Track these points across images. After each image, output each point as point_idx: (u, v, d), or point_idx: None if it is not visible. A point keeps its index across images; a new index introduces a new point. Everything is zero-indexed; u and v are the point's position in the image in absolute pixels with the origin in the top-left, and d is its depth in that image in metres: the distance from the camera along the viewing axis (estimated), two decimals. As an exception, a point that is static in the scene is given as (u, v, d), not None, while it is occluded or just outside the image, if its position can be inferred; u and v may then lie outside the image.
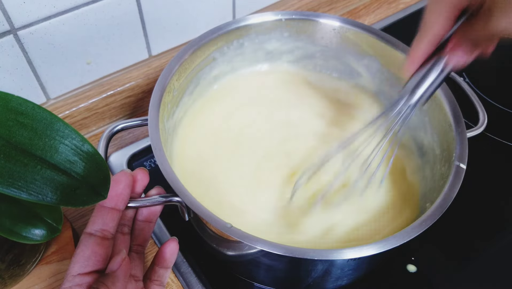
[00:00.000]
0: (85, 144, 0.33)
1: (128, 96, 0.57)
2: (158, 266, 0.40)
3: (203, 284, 0.45)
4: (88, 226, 0.36)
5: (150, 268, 0.40)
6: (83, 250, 0.35)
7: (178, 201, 0.38)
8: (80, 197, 0.32)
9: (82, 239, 0.35)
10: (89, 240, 0.35)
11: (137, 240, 0.40)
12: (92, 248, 0.35)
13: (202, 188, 0.46)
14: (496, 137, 0.58)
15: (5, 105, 0.30)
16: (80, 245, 0.35)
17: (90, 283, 0.33)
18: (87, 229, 0.36)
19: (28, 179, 0.30)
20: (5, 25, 0.44)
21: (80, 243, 0.35)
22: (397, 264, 0.48)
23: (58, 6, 0.46)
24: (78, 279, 0.33)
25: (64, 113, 0.53)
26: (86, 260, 0.34)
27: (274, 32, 0.53)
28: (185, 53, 0.47)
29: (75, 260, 0.34)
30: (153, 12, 0.53)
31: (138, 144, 0.56)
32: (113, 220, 0.36)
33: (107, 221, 0.36)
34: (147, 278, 0.39)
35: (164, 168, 0.38)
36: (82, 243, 0.35)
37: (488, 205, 0.53)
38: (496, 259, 0.49)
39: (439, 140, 0.46)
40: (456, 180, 0.39)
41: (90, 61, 0.53)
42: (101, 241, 0.35)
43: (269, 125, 0.52)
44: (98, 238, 0.35)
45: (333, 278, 0.43)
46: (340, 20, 0.51)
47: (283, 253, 0.34)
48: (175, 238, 0.40)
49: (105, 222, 0.36)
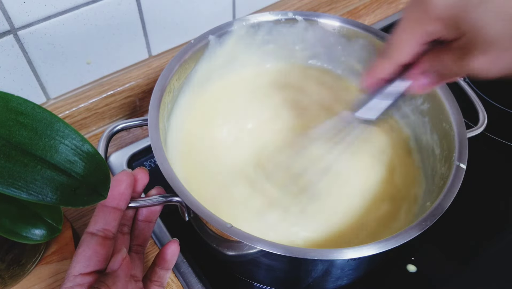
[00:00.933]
0: (85, 144, 0.33)
1: (128, 96, 0.57)
2: (158, 267, 0.40)
3: (203, 284, 0.45)
4: (90, 225, 0.36)
5: (151, 269, 0.40)
6: (84, 250, 0.34)
7: (178, 201, 0.38)
8: (80, 197, 0.32)
9: (83, 238, 0.35)
10: (91, 239, 0.35)
11: (137, 240, 0.40)
12: (94, 247, 0.35)
13: (202, 187, 0.46)
14: (496, 137, 0.58)
15: (5, 105, 0.30)
16: (82, 244, 0.35)
17: (91, 283, 0.33)
18: (89, 229, 0.36)
19: (28, 179, 0.30)
20: (5, 25, 0.44)
21: (82, 243, 0.35)
22: (397, 264, 0.48)
23: (58, 6, 0.46)
24: (79, 279, 0.33)
25: (64, 113, 0.53)
26: (88, 260, 0.34)
27: (274, 32, 0.53)
28: (185, 53, 0.47)
29: (77, 260, 0.34)
30: (153, 12, 0.53)
31: (138, 144, 0.56)
32: (114, 219, 0.36)
33: (109, 221, 0.36)
34: (147, 278, 0.39)
35: (164, 168, 0.38)
36: (83, 242, 0.35)
37: (488, 205, 0.53)
38: (496, 259, 0.49)
39: (439, 140, 0.46)
40: (456, 180, 0.39)
41: (90, 61, 0.53)
42: (102, 240, 0.35)
43: (269, 125, 0.52)
44: (100, 237, 0.35)
45: (333, 278, 0.43)
46: (340, 20, 0.51)
47: (283, 253, 0.34)
48: (176, 240, 0.40)
49: (107, 222, 0.36)
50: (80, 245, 0.35)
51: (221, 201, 0.45)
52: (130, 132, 0.58)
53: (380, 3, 0.75)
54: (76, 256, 0.34)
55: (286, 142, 0.50)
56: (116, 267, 0.34)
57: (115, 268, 0.34)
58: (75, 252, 0.35)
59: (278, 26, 0.52)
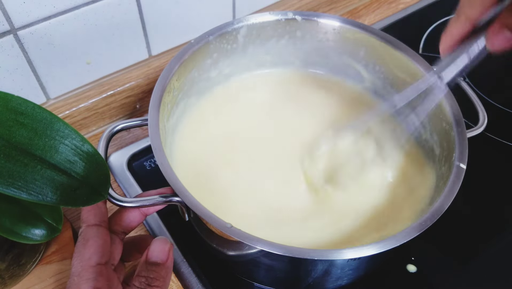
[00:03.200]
0: (85, 144, 0.33)
1: (128, 96, 0.57)
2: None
3: (203, 284, 0.45)
4: (89, 219, 0.36)
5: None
6: (96, 241, 0.35)
7: (178, 201, 0.38)
8: (80, 197, 0.32)
9: (88, 231, 0.35)
10: (97, 231, 0.35)
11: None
12: (104, 238, 0.35)
13: (202, 188, 0.46)
14: (496, 137, 0.58)
15: (5, 105, 0.30)
16: (91, 237, 0.35)
17: (106, 272, 0.34)
18: (90, 222, 0.36)
19: (28, 179, 0.30)
20: (5, 25, 0.44)
21: (89, 235, 0.35)
22: (397, 264, 0.48)
23: (58, 6, 0.46)
24: (98, 268, 0.34)
25: (64, 113, 0.53)
26: (102, 250, 0.34)
27: (274, 32, 0.52)
28: (185, 53, 0.47)
29: (91, 251, 0.34)
30: (153, 12, 0.53)
31: (138, 144, 0.56)
32: (107, 212, 0.38)
33: (104, 212, 0.37)
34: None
35: (164, 168, 0.38)
36: (91, 234, 0.35)
37: (488, 205, 0.53)
38: (496, 259, 0.49)
39: (439, 140, 0.46)
40: (456, 180, 0.39)
41: (90, 61, 0.53)
42: (107, 231, 0.36)
43: (270, 126, 0.52)
44: (105, 228, 0.36)
45: (333, 278, 0.43)
46: (340, 20, 0.51)
47: (283, 253, 0.34)
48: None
49: (103, 214, 0.37)
50: (87, 237, 0.35)
51: (221, 200, 0.45)
52: (130, 132, 0.58)
53: (380, 3, 0.75)
54: (88, 247, 0.34)
55: (286, 141, 0.50)
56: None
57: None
58: (83, 243, 0.35)
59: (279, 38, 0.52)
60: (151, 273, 0.34)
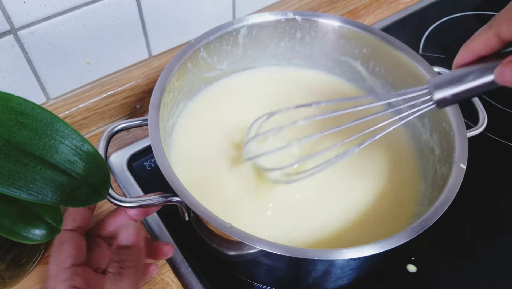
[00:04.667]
0: (85, 144, 0.33)
1: (128, 96, 0.57)
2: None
3: (203, 284, 0.45)
4: (68, 223, 0.38)
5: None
6: (71, 244, 0.36)
7: (178, 201, 0.38)
8: (80, 197, 0.32)
9: (64, 235, 0.37)
10: (73, 235, 0.37)
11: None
12: (78, 242, 0.37)
13: (202, 187, 0.46)
14: (496, 137, 0.58)
15: (5, 105, 0.30)
16: (65, 240, 0.37)
17: (80, 272, 0.36)
18: (67, 227, 0.38)
19: (28, 179, 0.30)
20: (5, 25, 0.44)
21: (64, 239, 0.37)
22: (397, 264, 0.48)
23: (58, 6, 0.46)
24: (73, 270, 0.35)
25: (64, 113, 0.53)
26: (77, 253, 0.36)
27: (274, 32, 0.52)
28: (185, 53, 0.47)
29: (66, 254, 0.36)
30: (153, 12, 0.53)
31: (138, 144, 0.56)
32: (89, 218, 0.39)
33: (86, 219, 0.39)
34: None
35: (164, 168, 0.38)
36: (66, 238, 0.37)
37: (488, 205, 0.53)
38: (496, 259, 0.49)
39: (439, 140, 0.46)
40: (456, 180, 0.39)
41: (90, 61, 0.53)
42: (81, 236, 0.38)
43: (269, 125, 0.52)
44: (79, 233, 0.38)
45: (333, 278, 0.43)
46: (340, 20, 0.51)
47: (283, 253, 0.34)
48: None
49: (84, 220, 0.39)
50: (62, 241, 0.37)
51: (221, 200, 0.45)
52: (130, 132, 0.58)
53: (380, 3, 0.75)
54: (63, 250, 0.36)
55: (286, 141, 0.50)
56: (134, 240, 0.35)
57: (134, 242, 0.35)
58: (58, 247, 0.36)
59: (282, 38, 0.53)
60: (122, 256, 0.35)
